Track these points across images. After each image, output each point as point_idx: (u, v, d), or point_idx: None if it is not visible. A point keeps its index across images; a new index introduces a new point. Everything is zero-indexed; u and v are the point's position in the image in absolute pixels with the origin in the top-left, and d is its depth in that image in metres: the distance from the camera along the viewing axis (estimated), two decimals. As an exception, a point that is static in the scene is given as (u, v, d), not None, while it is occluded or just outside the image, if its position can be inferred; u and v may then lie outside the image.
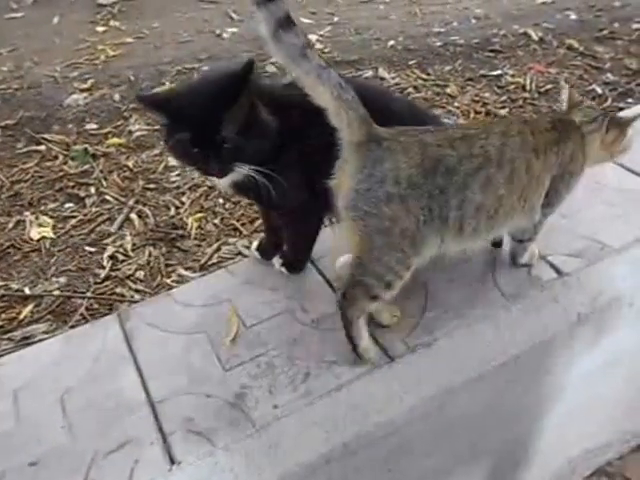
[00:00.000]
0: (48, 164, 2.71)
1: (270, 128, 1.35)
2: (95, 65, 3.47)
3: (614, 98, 3.11)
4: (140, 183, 2.61)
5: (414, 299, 1.56)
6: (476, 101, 3.14)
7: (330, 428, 1.31)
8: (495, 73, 3.38)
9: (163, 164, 2.70)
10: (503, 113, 2.99)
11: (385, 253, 1.28)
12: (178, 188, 2.57)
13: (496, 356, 1.45)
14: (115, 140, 2.85)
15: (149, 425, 1.30)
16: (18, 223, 2.40)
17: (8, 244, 2.29)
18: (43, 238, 2.33)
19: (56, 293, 2.09)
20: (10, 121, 2.98)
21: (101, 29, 3.94)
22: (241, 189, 1.54)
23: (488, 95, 3.18)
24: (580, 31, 3.80)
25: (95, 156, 2.76)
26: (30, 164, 2.71)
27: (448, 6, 4.20)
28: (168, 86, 3.13)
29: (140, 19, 4.07)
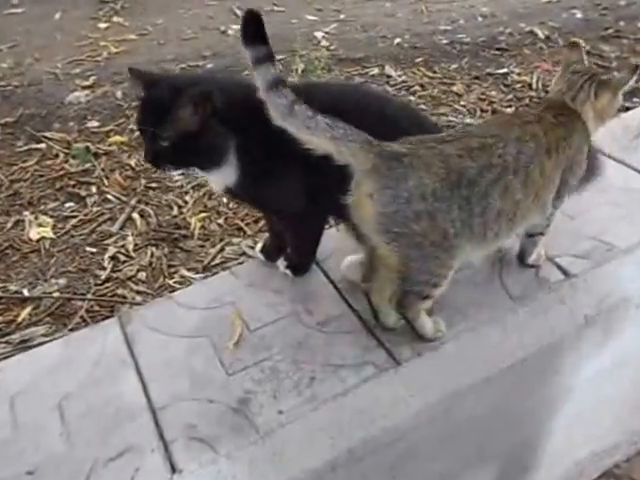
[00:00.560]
0: (48, 163, 2.69)
1: (217, 146, 1.35)
2: (97, 62, 3.45)
3: (620, 97, 3.07)
4: (142, 182, 2.58)
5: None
6: (482, 99, 3.12)
7: (336, 434, 1.29)
8: (501, 71, 3.37)
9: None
10: (509, 112, 2.95)
11: (423, 262, 1.31)
12: (181, 187, 2.54)
13: (503, 359, 1.43)
14: (117, 138, 2.82)
15: (150, 432, 1.28)
16: (17, 223, 2.37)
17: (6, 244, 2.27)
18: (43, 238, 2.31)
19: (55, 295, 2.07)
20: (10, 119, 2.96)
21: (103, 25, 3.91)
22: (234, 195, 1.54)
23: (494, 93, 3.16)
24: (586, 30, 3.79)
25: (96, 155, 2.73)
26: (30, 163, 2.68)
27: (454, 4, 4.18)
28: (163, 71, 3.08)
29: (143, 15, 4.04)
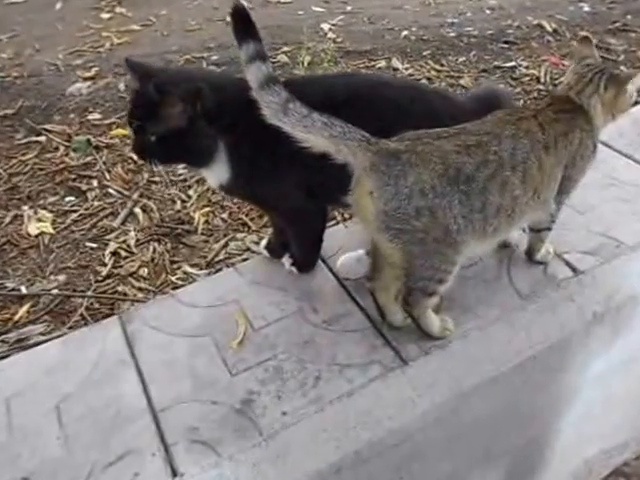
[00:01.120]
0: (48, 156, 2.65)
1: (205, 144, 1.35)
2: (99, 53, 3.41)
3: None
4: (145, 176, 2.54)
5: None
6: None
7: (341, 435, 1.27)
8: (509, 65, 3.33)
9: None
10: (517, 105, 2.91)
11: (427, 258, 1.30)
12: (184, 181, 2.51)
13: (512, 357, 1.42)
14: (119, 131, 2.78)
15: (150, 435, 1.25)
16: (15, 217, 2.34)
17: (4, 240, 2.24)
18: (42, 234, 2.28)
19: (54, 292, 2.04)
20: (9, 110, 2.92)
21: (106, 16, 3.87)
22: (229, 192, 1.54)
23: (502, 87, 3.11)
24: (593, 23, 3.75)
25: (98, 147, 2.70)
26: (29, 155, 2.65)
27: (462, -4, 4.13)
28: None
29: (147, 6, 3.99)
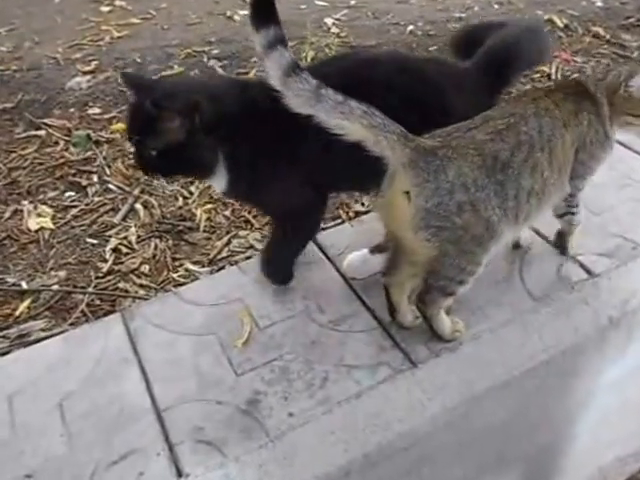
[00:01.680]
0: (48, 150, 2.64)
1: (206, 156, 1.34)
2: (99, 46, 3.39)
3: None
4: (145, 171, 2.54)
5: (437, 299, 1.52)
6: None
7: (349, 438, 1.27)
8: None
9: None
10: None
11: (457, 258, 1.30)
12: (186, 177, 2.50)
13: (524, 361, 1.41)
14: (120, 126, 2.77)
15: (155, 434, 1.25)
16: (15, 212, 2.33)
17: (4, 235, 2.23)
18: (42, 229, 2.27)
19: (55, 288, 2.03)
20: (8, 104, 2.91)
21: (106, 9, 3.85)
22: (231, 196, 1.55)
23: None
24: (606, 19, 3.72)
25: (98, 142, 2.69)
26: (29, 150, 2.64)
27: (469, -10, 4.12)
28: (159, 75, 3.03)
29: (147, -1, 3.99)
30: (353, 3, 3.96)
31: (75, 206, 2.38)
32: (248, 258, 2.03)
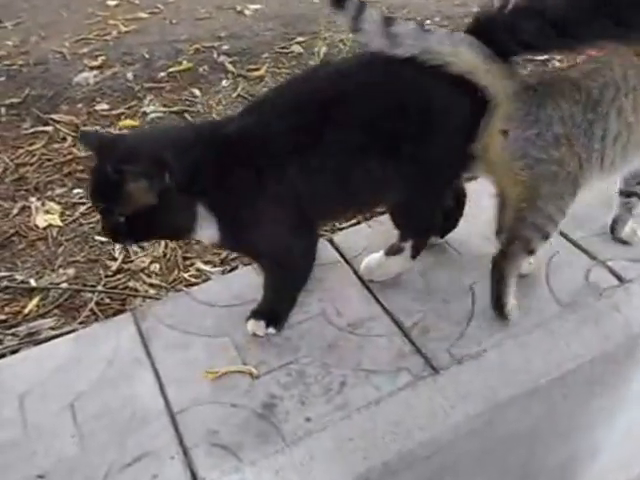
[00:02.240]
0: (56, 146, 2.65)
1: (182, 215, 1.26)
2: (106, 41, 3.41)
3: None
4: (154, 168, 2.54)
5: (459, 303, 1.53)
6: (521, 87, 3.05)
7: (368, 445, 1.26)
8: (542, 57, 3.28)
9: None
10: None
11: (548, 202, 1.38)
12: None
13: (550, 370, 1.41)
14: (128, 122, 2.78)
15: (168, 437, 1.25)
16: (23, 209, 2.34)
17: (12, 231, 2.24)
18: (50, 226, 2.27)
19: (64, 286, 2.04)
20: (15, 99, 2.92)
21: (113, 3, 3.87)
22: (221, 246, 1.51)
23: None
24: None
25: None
26: (36, 146, 2.64)
27: (489, -17, 4.11)
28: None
29: (155, -8, 4.00)
30: (368, -2, 3.96)
31: (83, 203, 2.37)
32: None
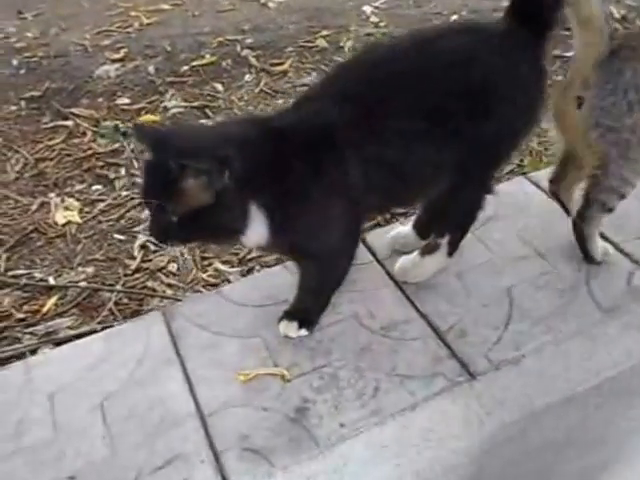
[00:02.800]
0: (75, 141, 2.67)
1: (236, 216, 1.22)
2: (128, 33, 3.43)
3: None
4: (175, 165, 2.56)
5: (496, 307, 1.53)
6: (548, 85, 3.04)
7: (401, 452, 1.27)
8: (570, 54, 3.27)
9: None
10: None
11: (622, 166, 1.45)
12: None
13: (589, 377, 1.41)
14: (149, 117, 2.80)
15: (199, 440, 1.26)
16: (42, 205, 2.37)
17: (32, 228, 2.26)
18: (69, 223, 2.29)
19: (82, 284, 2.05)
20: (35, 93, 2.95)
21: (134, -6, 3.91)
22: (267, 249, 1.52)
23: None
24: (666, 10, 3.68)
25: (126, 134, 2.71)
26: (56, 140, 2.67)
27: (519, -22, 4.09)
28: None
29: (177, -17, 4.03)
30: (394, -10, 3.96)
31: (102, 200, 2.40)
32: (279, 259, 2.03)
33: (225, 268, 2.14)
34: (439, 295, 1.55)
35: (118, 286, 2.06)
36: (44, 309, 1.96)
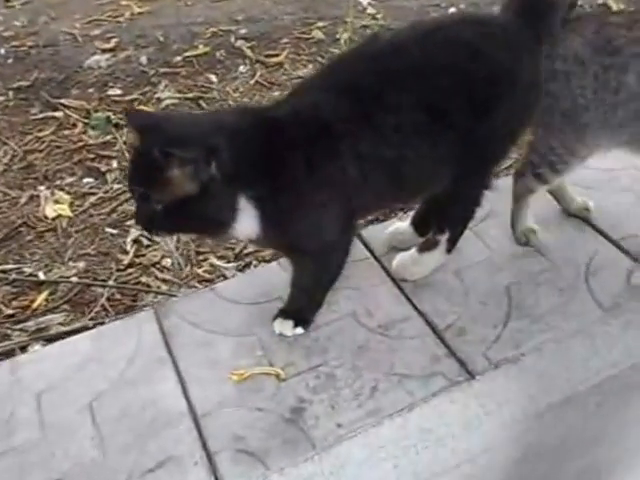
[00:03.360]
0: (66, 133, 2.65)
1: (224, 209, 1.20)
2: (119, 23, 3.40)
3: None
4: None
5: (495, 304, 1.52)
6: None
7: (400, 454, 1.25)
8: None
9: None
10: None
11: (549, 134, 1.49)
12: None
13: (590, 376, 1.40)
14: (141, 108, 2.77)
15: (192, 441, 1.24)
16: (32, 198, 2.34)
17: (21, 221, 2.23)
18: (59, 216, 2.27)
19: (74, 280, 2.03)
20: (24, 83, 2.92)
21: (125, -18, 3.87)
22: (258, 243, 1.47)
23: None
24: (666, 2, 3.66)
25: (118, 126, 2.68)
26: (46, 132, 2.64)
27: (518, -30, 4.07)
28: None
29: (169, -28, 3.99)
30: (391, -19, 3.93)
31: (94, 193, 2.37)
32: (276, 254, 2.01)
33: (221, 263, 2.12)
34: (437, 293, 1.53)
35: (110, 281, 2.04)
36: (34, 305, 1.94)
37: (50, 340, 1.71)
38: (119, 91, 2.89)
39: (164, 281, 2.06)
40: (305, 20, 3.38)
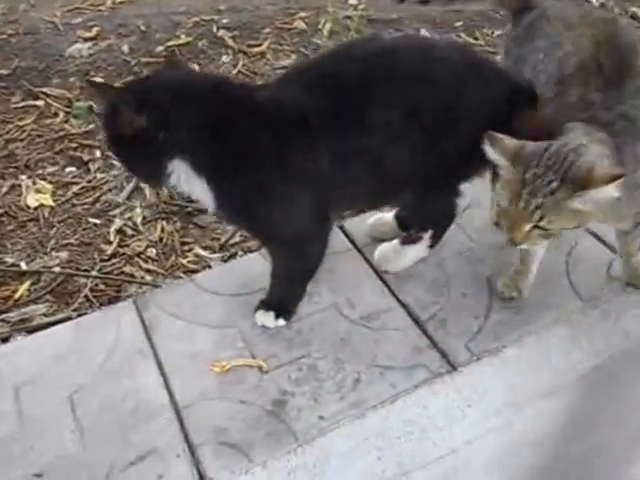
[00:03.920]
0: (47, 122, 2.58)
1: (151, 158, 1.28)
2: (101, 11, 3.32)
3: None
4: (152, 148, 2.49)
5: (477, 296, 1.51)
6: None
7: (384, 445, 1.25)
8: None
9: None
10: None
11: None
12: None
13: (573, 365, 1.40)
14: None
15: (174, 434, 1.23)
16: (13, 188, 2.28)
17: (2, 211, 2.17)
18: (41, 206, 2.22)
19: (56, 270, 1.99)
20: (4, 71, 2.84)
21: (106, -30, 3.80)
22: (219, 215, 1.45)
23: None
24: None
25: (101, 114, 2.64)
26: (27, 121, 2.57)
27: (504, -41, 4.05)
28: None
29: (151, -40, 3.92)
30: (375, -29, 3.90)
31: (76, 183, 2.32)
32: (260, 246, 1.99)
33: (206, 254, 2.08)
34: (419, 284, 1.52)
35: (94, 272, 2.00)
36: (16, 295, 1.89)
37: (33, 331, 1.67)
38: (101, 80, 2.83)
39: (148, 271, 2.03)
40: (287, 10, 3.33)
